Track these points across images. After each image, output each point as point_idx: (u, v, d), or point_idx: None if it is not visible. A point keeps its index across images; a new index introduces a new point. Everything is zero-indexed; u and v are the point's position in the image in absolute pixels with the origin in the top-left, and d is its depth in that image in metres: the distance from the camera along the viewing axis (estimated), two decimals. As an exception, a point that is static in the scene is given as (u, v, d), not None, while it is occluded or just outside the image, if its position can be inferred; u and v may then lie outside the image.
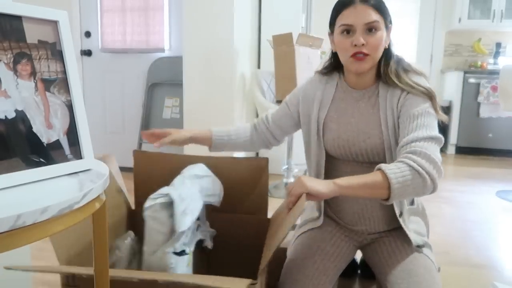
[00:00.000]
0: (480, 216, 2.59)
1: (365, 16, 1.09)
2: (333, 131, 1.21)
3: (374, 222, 1.23)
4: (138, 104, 3.63)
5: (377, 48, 1.12)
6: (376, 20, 1.10)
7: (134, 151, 1.52)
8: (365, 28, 1.10)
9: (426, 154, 1.01)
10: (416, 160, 1.01)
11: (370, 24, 1.09)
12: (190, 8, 2.82)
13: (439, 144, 1.07)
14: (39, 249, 1.12)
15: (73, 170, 0.77)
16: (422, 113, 1.10)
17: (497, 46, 4.94)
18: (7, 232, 0.55)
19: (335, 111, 1.23)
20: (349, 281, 1.49)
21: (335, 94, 1.24)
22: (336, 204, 1.27)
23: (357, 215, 1.23)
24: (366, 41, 1.10)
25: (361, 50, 1.10)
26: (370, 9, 1.09)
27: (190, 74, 2.90)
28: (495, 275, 1.78)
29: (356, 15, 1.10)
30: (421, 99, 1.12)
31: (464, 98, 4.56)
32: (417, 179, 0.99)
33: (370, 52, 1.11)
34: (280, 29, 2.94)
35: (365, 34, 1.10)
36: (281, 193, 2.94)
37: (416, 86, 1.13)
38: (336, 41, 1.16)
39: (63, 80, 0.78)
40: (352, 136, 1.18)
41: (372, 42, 1.10)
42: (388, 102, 1.16)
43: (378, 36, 1.10)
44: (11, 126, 0.69)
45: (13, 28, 0.72)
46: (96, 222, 0.79)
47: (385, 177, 0.99)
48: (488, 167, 4.07)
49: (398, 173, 0.99)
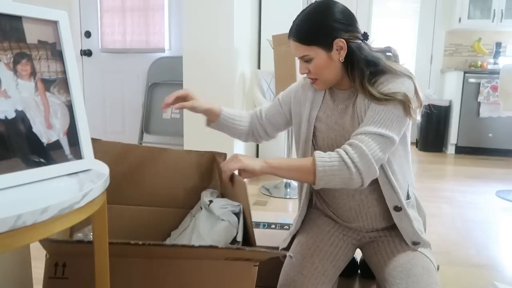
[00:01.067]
0: (480, 216, 2.59)
1: (296, 51, 1.18)
2: (322, 131, 1.24)
3: (371, 218, 1.23)
4: (138, 104, 3.63)
5: (320, 72, 1.17)
6: (306, 54, 1.16)
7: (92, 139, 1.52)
8: (303, 59, 1.18)
9: (361, 149, 1.04)
10: (349, 152, 1.05)
11: (302, 57, 1.17)
12: (190, 8, 2.82)
13: (387, 143, 1.08)
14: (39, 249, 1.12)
15: (73, 170, 0.77)
16: (384, 110, 1.10)
17: (497, 46, 4.94)
18: (7, 232, 0.55)
19: (324, 112, 1.25)
20: (349, 281, 1.49)
21: (325, 95, 1.27)
22: (332, 200, 1.27)
23: (354, 211, 1.24)
24: (308, 69, 1.18)
25: (309, 76, 1.20)
26: (298, 45, 1.16)
27: (190, 74, 2.90)
28: (495, 275, 1.78)
29: (293, 49, 1.19)
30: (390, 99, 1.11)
31: (464, 98, 4.56)
32: (344, 170, 1.04)
33: (316, 76, 1.19)
34: (280, 29, 2.93)
35: (306, 63, 1.18)
36: (281, 193, 2.94)
37: (382, 97, 1.11)
38: None
39: (63, 80, 0.79)
40: (339, 135, 1.21)
41: (312, 69, 1.17)
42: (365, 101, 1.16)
43: (314, 64, 1.16)
44: (11, 126, 0.69)
45: (13, 28, 0.72)
46: (96, 222, 0.79)
47: (314, 163, 1.04)
48: (488, 167, 4.07)
49: (327, 162, 1.04)
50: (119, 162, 1.40)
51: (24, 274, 1.30)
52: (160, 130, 3.55)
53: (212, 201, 1.31)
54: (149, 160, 1.43)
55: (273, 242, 1.46)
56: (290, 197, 2.90)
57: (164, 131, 3.54)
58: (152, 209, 1.46)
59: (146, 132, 3.57)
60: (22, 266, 1.28)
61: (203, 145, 3.00)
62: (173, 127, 3.49)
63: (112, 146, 1.41)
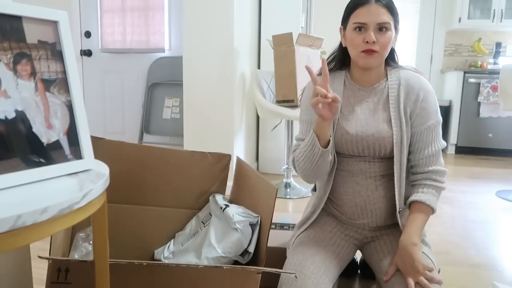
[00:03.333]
0: (480, 216, 2.59)
1: (378, 16, 1.14)
2: (341, 128, 1.23)
3: (377, 215, 1.23)
4: (138, 104, 3.63)
5: (386, 47, 1.17)
6: (387, 22, 1.15)
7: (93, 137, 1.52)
8: (377, 27, 1.15)
9: (442, 172, 1.22)
10: (438, 180, 1.21)
11: (382, 24, 1.15)
12: (190, 8, 2.82)
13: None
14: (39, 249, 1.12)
15: (73, 170, 0.77)
16: (435, 125, 1.22)
17: (497, 46, 4.95)
18: (7, 232, 0.55)
19: (345, 108, 1.25)
20: (349, 281, 1.49)
21: (344, 92, 1.26)
22: (337, 197, 1.27)
23: (359, 207, 1.24)
24: (377, 39, 1.15)
25: (371, 47, 1.16)
26: (383, 10, 1.15)
27: (190, 74, 2.90)
28: (495, 275, 1.78)
29: (370, 14, 1.15)
30: (432, 109, 1.21)
31: (464, 98, 4.56)
32: (440, 192, 1.22)
33: (379, 49, 1.16)
34: (280, 29, 2.94)
35: (376, 33, 1.15)
36: (281, 193, 2.95)
37: None
38: (349, 37, 1.20)
39: (63, 80, 0.78)
40: (361, 131, 1.21)
41: (382, 41, 1.16)
42: (402, 100, 1.21)
43: (388, 35, 1.16)
44: (11, 127, 0.69)
45: (13, 28, 0.72)
46: (96, 222, 0.79)
47: (429, 208, 1.19)
48: (488, 167, 4.07)
49: (434, 199, 1.19)
50: (123, 161, 1.40)
51: (24, 274, 1.30)
52: (160, 130, 3.55)
53: (228, 205, 1.30)
54: (153, 160, 1.43)
55: (273, 242, 1.46)
56: (290, 197, 2.90)
57: (164, 131, 3.54)
58: (155, 209, 1.46)
59: (146, 132, 3.58)
60: (22, 266, 1.28)
61: (203, 145, 3.00)
62: (173, 127, 3.49)
63: (116, 145, 1.41)
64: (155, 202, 1.45)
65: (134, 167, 1.41)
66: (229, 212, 1.25)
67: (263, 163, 3.64)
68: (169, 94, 3.55)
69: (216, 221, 1.31)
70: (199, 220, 1.42)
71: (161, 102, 3.57)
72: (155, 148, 1.44)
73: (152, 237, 1.45)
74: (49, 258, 1.04)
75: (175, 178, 1.44)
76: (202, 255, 1.23)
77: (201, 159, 1.45)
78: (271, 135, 3.52)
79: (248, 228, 1.21)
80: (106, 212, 0.81)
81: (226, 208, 1.29)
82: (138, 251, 1.42)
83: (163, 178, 1.44)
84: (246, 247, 1.20)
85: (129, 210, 1.44)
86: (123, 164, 1.38)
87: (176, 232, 1.46)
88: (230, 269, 1.03)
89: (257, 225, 1.22)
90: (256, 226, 1.22)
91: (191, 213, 1.47)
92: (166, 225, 1.46)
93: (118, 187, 1.36)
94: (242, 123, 3.14)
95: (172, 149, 1.45)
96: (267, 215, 1.18)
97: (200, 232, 1.36)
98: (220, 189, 1.48)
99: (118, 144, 1.41)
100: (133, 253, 1.42)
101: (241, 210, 1.27)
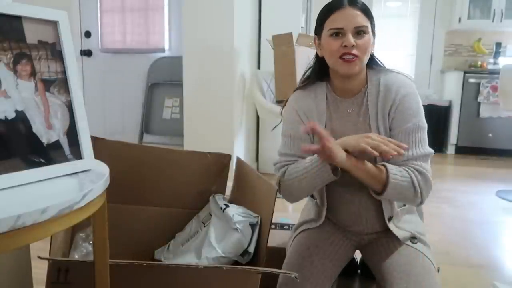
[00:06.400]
0: (480, 216, 2.59)
1: (354, 19, 1.10)
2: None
3: (372, 222, 1.23)
4: (138, 104, 3.63)
5: (365, 50, 1.12)
6: (364, 25, 1.11)
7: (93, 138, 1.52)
8: (354, 31, 1.10)
9: (427, 178, 1.10)
10: (417, 178, 1.09)
11: (359, 27, 1.10)
12: (190, 8, 2.82)
13: (430, 158, 1.15)
14: (39, 249, 1.12)
15: (73, 170, 0.77)
16: (414, 128, 1.14)
17: (497, 46, 4.94)
18: (7, 232, 0.55)
19: (329, 124, 1.21)
20: (349, 281, 1.49)
21: (326, 107, 1.22)
22: (333, 206, 1.27)
23: (354, 215, 1.23)
24: (356, 43, 1.10)
25: (350, 51, 1.10)
26: (359, 13, 1.11)
27: (190, 74, 2.90)
28: (495, 275, 1.78)
29: (346, 18, 1.10)
30: (410, 112, 1.14)
31: (464, 98, 4.56)
32: (410, 191, 1.09)
33: (359, 54, 1.11)
34: (280, 29, 2.94)
35: (354, 37, 1.10)
36: (281, 193, 2.94)
37: None
38: (325, 45, 1.15)
39: (63, 81, 0.78)
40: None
41: (362, 44, 1.11)
42: (379, 109, 1.16)
43: (366, 38, 1.12)
44: (11, 127, 0.69)
45: (13, 29, 0.72)
46: (96, 222, 0.79)
47: (387, 176, 1.07)
48: (488, 167, 4.07)
49: (399, 179, 1.08)
50: (123, 161, 1.39)
51: (24, 274, 1.30)
52: (160, 130, 3.55)
53: (228, 205, 1.30)
54: (153, 160, 1.43)
55: (273, 242, 1.46)
56: (290, 197, 2.90)
57: (164, 131, 3.54)
58: (155, 209, 1.46)
59: (146, 132, 3.58)
60: (22, 266, 1.28)
61: (202, 145, 2.99)
62: (173, 127, 3.49)
63: (116, 145, 1.41)
64: (155, 202, 1.45)
65: (134, 167, 1.40)
66: (229, 212, 1.24)
67: (263, 163, 3.64)
68: (169, 94, 3.55)
69: (216, 221, 1.31)
70: (199, 220, 1.42)
71: (161, 102, 3.57)
72: (155, 148, 1.44)
73: (152, 237, 1.45)
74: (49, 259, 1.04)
75: (175, 178, 1.44)
76: (202, 255, 1.23)
77: (201, 159, 1.44)
78: (271, 135, 3.52)
79: (248, 228, 1.21)
80: (106, 212, 0.81)
81: (226, 208, 1.28)
82: (138, 251, 1.42)
83: (163, 178, 1.43)
84: (246, 247, 1.20)
85: (129, 210, 1.43)
86: (123, 164, 1.38)
87: (176, 232, 1.46)
88: (230, 269, 1.03)
89: (257, 225, 1.22)
90: (256, 226, 1.22)
91: (191, 213, 1.47)
92: (166, 225, 1.46)
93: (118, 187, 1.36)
94: (242, 123, 3.14)
95: (172, 149, 1.45)
96: (267, 215, 1.18)
97: (200, 232, 1.36)
98: (220, 189, 1.48)
99: (118, 144, 1.41)
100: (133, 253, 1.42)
101: (241, 210, 1.27)
